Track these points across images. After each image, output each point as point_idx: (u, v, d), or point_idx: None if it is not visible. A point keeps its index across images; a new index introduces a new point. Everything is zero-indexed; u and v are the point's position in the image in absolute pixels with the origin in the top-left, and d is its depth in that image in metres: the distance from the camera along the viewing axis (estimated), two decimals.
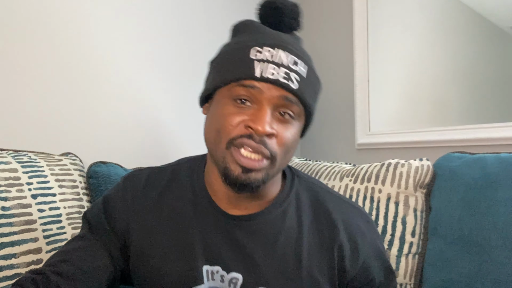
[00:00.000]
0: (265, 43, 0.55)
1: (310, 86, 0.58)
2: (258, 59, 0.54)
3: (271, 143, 0.54)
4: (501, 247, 0.71)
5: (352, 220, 0.63)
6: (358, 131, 1.50)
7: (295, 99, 0.55)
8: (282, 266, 0.58)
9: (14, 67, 1.04)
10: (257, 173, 0.54)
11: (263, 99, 0.54)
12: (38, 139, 1.07)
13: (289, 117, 0.56)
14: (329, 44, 1.67)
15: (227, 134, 0.54)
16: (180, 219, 0.62)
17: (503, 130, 1.06)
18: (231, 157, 0.54)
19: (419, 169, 0.87)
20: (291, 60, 0.55)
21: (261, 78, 0.53)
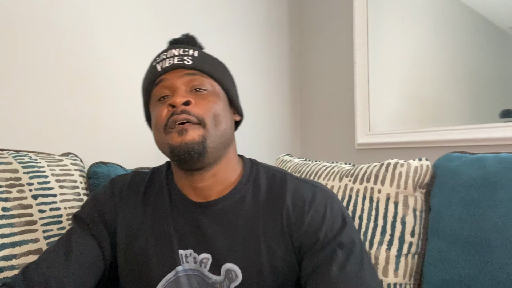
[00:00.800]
0: (162, 52, 0.70)
1: (206, 60, 0.69)
2: (158, 61, 0.68)
3: (193, 109, 0.62)
4: (501, 247, 0.71)
5: (302, 190, 0.68)
6: (358, 131, 1.50)
7: (196, 72, 0.66)
8: (243, 243, 0.65)
9: (15, 67, 1.04)
10: (193, 132, 0.61)
11: (174, 83, 0.65)
12: (39, 139, 1.07)
13: (203, 90, 0.66)
14: (329, 44, 1.67)
15: (161, 124, 0.64)
16: (159, 212, 0.70)
17: (503, 130, 1.06)
18: (169, 137, 0.62)
19: (419, 169, 0.87)
20: (181, 50, 0.68)
21: (162, 71, 0.66)
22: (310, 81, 1.77)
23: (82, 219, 0.71)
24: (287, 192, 0.68)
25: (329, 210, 0.66)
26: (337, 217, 0.66)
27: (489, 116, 2.04)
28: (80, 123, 1.15)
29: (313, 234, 0.64)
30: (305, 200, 0.66)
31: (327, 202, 0.67)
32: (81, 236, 0.69)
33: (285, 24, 1.80)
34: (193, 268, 0.66)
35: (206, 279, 0.65)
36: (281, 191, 0.68)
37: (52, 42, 1.10)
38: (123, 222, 0.71)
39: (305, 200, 0.66)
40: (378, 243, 0.84)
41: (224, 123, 0.66)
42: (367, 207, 0.89)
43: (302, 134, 1.82)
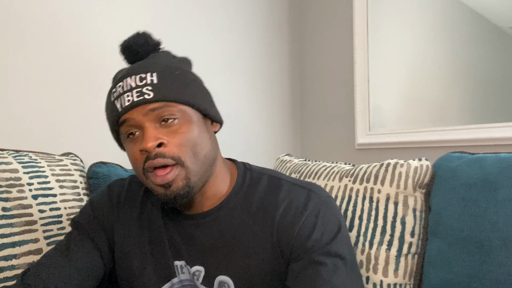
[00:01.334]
0: (117, 81, 0.63)
1: (168, 84, 0.61)
2: (116, 97, 0.62)
3: (167, 150, 0.58)
4: (501, 247, 0.71)
5: (295, 196, 0.65)
6: (358, 131, 1.50)
7: (160, 104, 0.59)
8: (235, 254, 0.63)
9: (15, 67, 1.04)
10: (176, 183, 0.58)
11: (140, 121, 0.59)
12: (39, 139, 1.07)
13: (172, 119, 0.60)
14: (329, 44, 1.67)
15: (138, 168, 0.61)
16: (155, 222, 0.70)
17: (503, 130, 1.06)
18: (151, 183, 0.60)
19: (418, 169, 0.87)
20: (137, 79, 0.60)
21: (123, 110, 0.60)
22: (310, 81, 1.77)
23: (81, 224, 0.71)
24: (279, 199, 0.65)
25: (320, 219, 0.63)
26: (329, 226, 0.63)
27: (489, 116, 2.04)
28: (80, 123, 1.15)
29: (302, 243, 0.61)
30: (297, 207, 0.64)
31: (320, 209, 0.64)
32: (80, 241, 0.69)
33: (285, 24, 1.80)
34: (189, 279, 0.66)
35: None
36: (274, 199, 0.65)
37: (52, 42, 1.10)
38: (120, 229, 0.71)
39: (297, 207, 0.64)
40: (378, 243, 0.84)
41: (204, 149, 0.62)
42: (367, 207, 0.89)
43: (302, 134, 1.82)
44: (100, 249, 0.70)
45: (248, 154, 1.62)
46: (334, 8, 1.64)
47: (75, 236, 0.70)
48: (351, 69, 1.55)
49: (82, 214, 0.73)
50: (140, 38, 0.66)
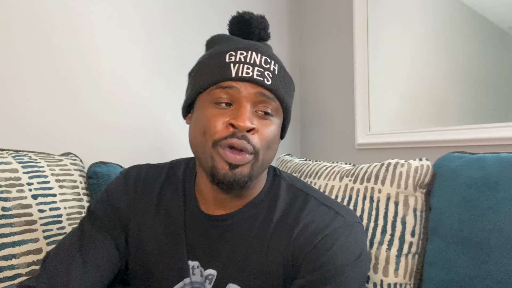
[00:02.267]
0: (238, 48, 0.60)
1: (283, 82, 0.62)
2: (233, 61, 0.58)
3: (253, 138, 0.57)
4: (501, 247, 0.71)
5: (319, 215, 0.62)
6: (358, 131, 1.50)
7: (270, 95, 0.59)
8: (249, 263, 0.61)
9: (14, 67, 1.04)
10: (243, 168, 0.57)
11: (242, 97, 0.57)
12: (39, 139, 1.07)
13: (268, 114, 0.60)
14: (329, 44, 1.67)
15: (212, 135, 0.57)
16: (173, 217, 0.67)
17: (503, 130, 1.06)
18: (218, 156, 0.57)
19: (419, 169, 0.87)
20: (264, 60, 0.60)
21: (237, 78, 0.57)
22: (310, 81, 1.77)
23: (97, 214, 0.68)
24: (301, 216, 0.62)
25: (338, 244, 0.59)
26: (346, 252, 0.59)
27: (489, 116, 2.04)
28: (80, 123, 1.15)
29: (312, 261, 0.58)
30: (317, 226, 0.60)
31: (341, 234, 0.60)
32: (96, 233, 0.66)
33: (285, 24, 1.80)
34: (199, 282, 0.64)
35: None
36: (297, 215, 0.63)
37: (51, 42, 1.10)
38: (135, 219, 0.68)
39: (317, 226, 0.60)
40: (379, 243, 0.84)
41: (273, 149, 0.62)
42: (368, 207, 0.89)
43: (302, 134, 1.82)
44: (116, 240, 0.67)
45: None
46: (334, 8, 1.64)
47: (90, 227, 0.67)
48: (351, 69, 1.55)
49: (97, 203, 0.70)
50: (264, 21, 0.67)
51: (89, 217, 0.69)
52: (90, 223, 0.67)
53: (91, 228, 0.67)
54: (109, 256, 0.66)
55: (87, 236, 0.66)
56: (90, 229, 0.67)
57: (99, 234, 0.66)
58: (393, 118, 1.58)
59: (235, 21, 0.67)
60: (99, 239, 0.66)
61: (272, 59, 0.61)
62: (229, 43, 0.63)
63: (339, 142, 1.61)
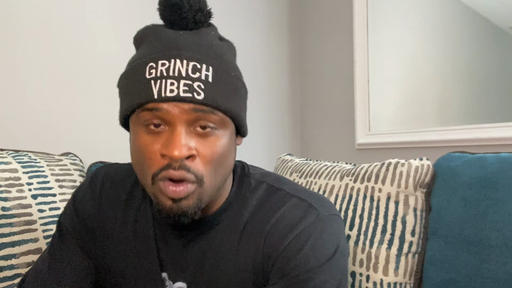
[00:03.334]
0: (159, 57, 0.49)
1: (221, 89, 0.51)
2: (154, 77, 0.48)
3: (194, 165, 0.49)
4: (501, 247, 0.71)
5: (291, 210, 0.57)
6: (358, 131, 1.50)
7: (207, 108, 0.49)
8: (218, 273, 0.57)
9: (14, 67, 1.04)
10: (187, 200, 0.50)
11: (173, 118, 0.48)
12: (38, 139, 1.07)
13: (210, 128, 0.50)
14: (329, 44, 1.67)
15: (149, 169, 0.50)
16: (141, 227, 0.62)
17: (503, 130, 1.06)
18: (159, 191, 0.50)
19: (419, 168, 0.87)
20: (191, 67, 0.49)
21: (160, 99, 0.48)
22: (310, 81, 1.77)
23: (64, 227, 0.64)
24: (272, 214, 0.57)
25: (312, 240, 0.54)
26: (320, 249, 0.54)
27: (489, 116, 2.04)
28: (80, 123, 1.15)
29: (284, 264, 0.54)
30: (288, 224, 0.56)
31: (313, 230, 0.55)
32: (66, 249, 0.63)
33: (285, 24, 1.80)
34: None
35: None
36: (267, 214, 0.58)
37: (51, 42, 1.10)
38: (102, 228, 0.63)
39: (288, 224, 0.56)
40: (379, 242, 0.84)
41: (227, 167, 0.54)
42: (368, 206, 0.89)
43: (302, 134, 1.82)
44: (87, 251, 0.63)
45: (249, 154, 1.62)
46: (334, 8, 1.64)
47: (59, 240, 0.64)
48: (351, 69, 1.55)
49: (65, 214, 0.66)
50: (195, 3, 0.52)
51: (58, 231, 0.65)
52: (59, 239, 0.64)
53: (60, 245, 0.63)
54: (82, 270, 0.62)
55: (57, 254, 0.63)
56: (60, 246, 0.63)
57: (69, 250, 0.63)
58: (393, 118, 1.58)
59: (163, 6, 0.53)
60: (69, 255, 0.62)
61: (202, 62, 0.49)
62: (153, 44, 0.52)
63: (339, 142, 1.61)
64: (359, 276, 0.85)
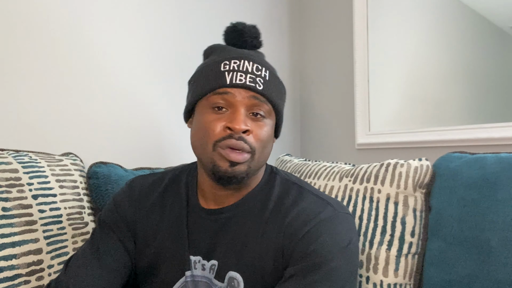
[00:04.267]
0: (231, 57, 0.66)
1: (274, 87, 0.68)
2: (228, 70, 0.65)
3: (249, 139, 0.63)
4: (501, 247, 0.71)
5: (311, 205, 0.67)
6: (358, 131, 1.50)
7: (262, 98, 0.65)
8: (246, 252, 0.66)
9: (14, 67, 1.04)
10: (241, 166, 0.63)
11: (236, 102, 0.63)
12: (39, 139, 1.07)
13: (261, 116, 0.65)
14: (329, 44, 1.67)
15: (211, 138, 0.63)
16: (176, 216, 0.72)
17: (503, 130, 1.06)
18: (218, 156, 0.62)
19: (419, 169, 0.87)
20: (255, 67, 0.66)
21: (231, 84, 0.63)
22: (310, 81, 1.77)
23: (106, 223, 0.74)
24: (295, 205, 0.67)
25: (328, 232, 0.63)
26: (336, 239, 0.62)
27: (489, 116, 2.04)
28: (80, 123, 1.15)
29: (303, 249, 0.62)
30: (308, 215, 0.65)
31: (331, 222, 0.64)
32: (107, 240, 0.72)
33: (285, 24, 1.80)
34: (201, 275, 0.68)
35: (212, 285, 0.67)
36: (290, 205, 0.67)
37: (51, 42, 1.10)
38: (141, 223, 0.73)
39: (308, 215, 0.65)
40: (378, 243, 0.84)
41: (268, 148, 0.68)
42: (367, 207, 0.89)
43: (302, 134, 1.82)
44: (126, 245, 0.72)
45: None
46: (334, 8, 1.64)
47: (102, 235, 0.73)
48: (351, 69, 1.55)
49: (106, 213, 0.75)
50: (256, 31, 0.72)
51: (100, 226, 0.75)
52: (101, 232, 0.73)
53: (102, 237, 0.73)
54: (121, 259, 0.71)
55: (100, 244, 0.72)
56: (102, 238, 0.72)
57: (110, 241, 0.72)
58: (393, 118, 1.58)
59: (229, 31, 0.72)
60: (110, 245, 0.72)
61: (263, 66, 0.67)
62: (223, 52, 0.69)
63: (339, 142, 1.61)
64: (359, 278, 0.85)
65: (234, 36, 0.71)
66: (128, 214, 0.74)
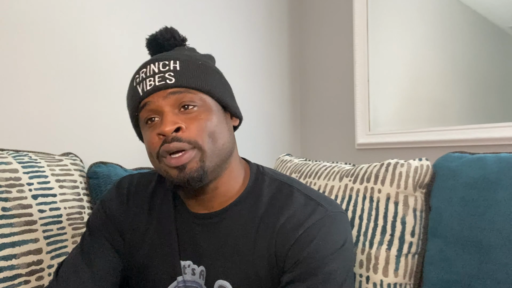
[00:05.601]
0: (140, 68, 0.64)
1: (190, 73, 0.62)
2: (138, 82, 0.62)
3: (185, 135, 0.58)
4: (501, 247, 0.71)
5: (302, 207, 0.64)
6: (358, 131, 1.50)
7: (181, 89, 0.60)
8: (234, 260, 0.63)
9: (15, 67, 1.04)
10: (191, 164, 0.59)
11: (159, 106, 0.60)
12: (39, 139, 1.07)
13: (192, 106, 0.61)
14: (329, 44, 1.67)
15: (153, 152, 0.61)
16: (164, 219, 0.70)
17: (503, 130, 1.06)
18: (165, 166, 0.60)
19: (419, 169, 0.87)
20: (161, 65, 0.62)
21: (144, 94, 0.61)
22: (310, 81, 1.77)
23: (95, 225, 0.72)
24: (285, 209, 0.64)
25: (320, 235, 0.60)
26: (329, 242, 0.60)
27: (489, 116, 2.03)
28: (80, 123, 1.15)
29: (296, 254, 0.60)
30: (299, 219, 0.62)
31: (323, 224, 0.61)
32: (96, 243, 0.71)
33: (285, 24, 1.80)
34: (191, 280, 0.67)
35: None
36: (280, 208, 0.64)
37: (51, 42, 1.10)
38: (130, 224, 0.72)
39: (299, 219, 0.62)
40: (378, 243, 0.84)
41: (222, 138, 0.62)
42: (367, 207, 0.89)
43: (302, 134, 1.82)
44: (115, 247, 0.71)
45: (248, 154, 1.62)
46: (334, 8, 1.64)
47: (91, 239, 0.71)
48: (351, 69, 1.55)
49: (94, 215, 0.74)
50: (167, 33, 0.69)
51: (89, 230, 0.73)
52: (90, 236, 0.72)
53: (92, 241, 0.71)
54: (112, 263, 0.70)
55: (89, 248, 0.70)
56: (91, 242, 0.71)
57: (100, 245, 0.70)
58: (393, 118, 1.58)
59: (147, 44, 0.71)
60: (100, 249, 0.70)
61: (171, 59, 0.62)
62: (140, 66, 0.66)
63: (339, 142, 1.61)
64: (359, 277, 0.85)
65: (150, 47, 0.71)
66: (116, 215, 0.72)
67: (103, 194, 0.78)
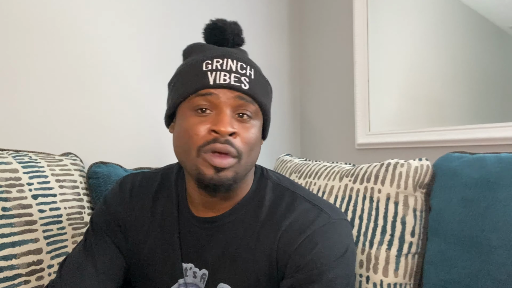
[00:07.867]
0: (214, 56, 0.62)
1: (259, 86, 0.63)
2: (210, 70, 0.60)
3: (236, 142, 0.59)
4: (501, 247, 0.71)
5: (304, 214, 0.63)
6: (358, 131, 1.50)
7: (248, 98, 0.61)
8: (236, 265, 0.63)
9: (15, 67, 1.04)
10: (227, 172, 0.58)
11: (221, 103, 0.59)
12: (39, 139, 1.07)
13: (247, 117, 0.61)
14: (329, 44, 1.67)
15: (195, 142, 0.58)
16: (167, 221, 0.69)
17: (503, 130, 1.06)
18: (203, 162, 0.58)
19: (419, 169, 0.87)
20: (239, 65, 0.61)
21: (215, 85, 0.59)
22: (310, 81, 1.77)
23: (97, 223, 0.72)
24: (287, 214, 0.64)
25: (322, 242, 0.60)
26: (331, 249, 0.60)
27: (489, 116, 2.03)
28: (80, 123, 1.15)
29: (297, 261, 0.60)
30: (301, 225, 0.62)
31: (325, 232, 0.61)
32: (99, 240, 0.70)
33: (285, 24, 1.80)
34: (192, 283, 0.66)
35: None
36: (283, 214, 0.64)
37: (51, 42, 1.10)
38: (132, 224, 0.71)
39: (301, 225, 0.62)
40: (378, 243, 0.84)
41: (256, 151, 0.63)
42: (367, 207, 0.89)
43: (302, 134, 1.82)
44: (119, 246, 0.71)
45: None
46: (334, 9, 1.64)
47: (95, 236, 0.71)
48: (351, 69, 1.55)
49: (97, 213, 0.74)
50: (237, 27, 0.68)
51: (91, 227, 0.73)
52: (94, 234, 0.71)
53: (95, 239, 0.71)
54: (115, 261, 0.70)
55: (93, 245, 0.70)
56: (95, 240, 0.71)
57: (103, 242, 0.70)
58: (393, 118, 1.58)
59: (209, 29, 0.67)
60: (104, 247, 0.70)
61: (247, 64, 0.63)
62: (205, 52, 0.64)
63: (339, 142, 1.61)
64: (359, 277, 0.85)
65: (215, 34, 0.66)
66: (119, 213, 0.72)
67: (106, 192, 0.77)
